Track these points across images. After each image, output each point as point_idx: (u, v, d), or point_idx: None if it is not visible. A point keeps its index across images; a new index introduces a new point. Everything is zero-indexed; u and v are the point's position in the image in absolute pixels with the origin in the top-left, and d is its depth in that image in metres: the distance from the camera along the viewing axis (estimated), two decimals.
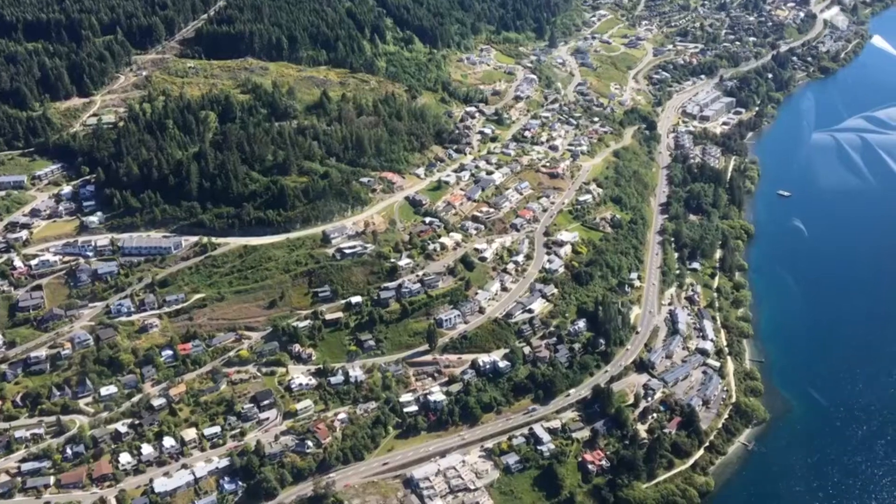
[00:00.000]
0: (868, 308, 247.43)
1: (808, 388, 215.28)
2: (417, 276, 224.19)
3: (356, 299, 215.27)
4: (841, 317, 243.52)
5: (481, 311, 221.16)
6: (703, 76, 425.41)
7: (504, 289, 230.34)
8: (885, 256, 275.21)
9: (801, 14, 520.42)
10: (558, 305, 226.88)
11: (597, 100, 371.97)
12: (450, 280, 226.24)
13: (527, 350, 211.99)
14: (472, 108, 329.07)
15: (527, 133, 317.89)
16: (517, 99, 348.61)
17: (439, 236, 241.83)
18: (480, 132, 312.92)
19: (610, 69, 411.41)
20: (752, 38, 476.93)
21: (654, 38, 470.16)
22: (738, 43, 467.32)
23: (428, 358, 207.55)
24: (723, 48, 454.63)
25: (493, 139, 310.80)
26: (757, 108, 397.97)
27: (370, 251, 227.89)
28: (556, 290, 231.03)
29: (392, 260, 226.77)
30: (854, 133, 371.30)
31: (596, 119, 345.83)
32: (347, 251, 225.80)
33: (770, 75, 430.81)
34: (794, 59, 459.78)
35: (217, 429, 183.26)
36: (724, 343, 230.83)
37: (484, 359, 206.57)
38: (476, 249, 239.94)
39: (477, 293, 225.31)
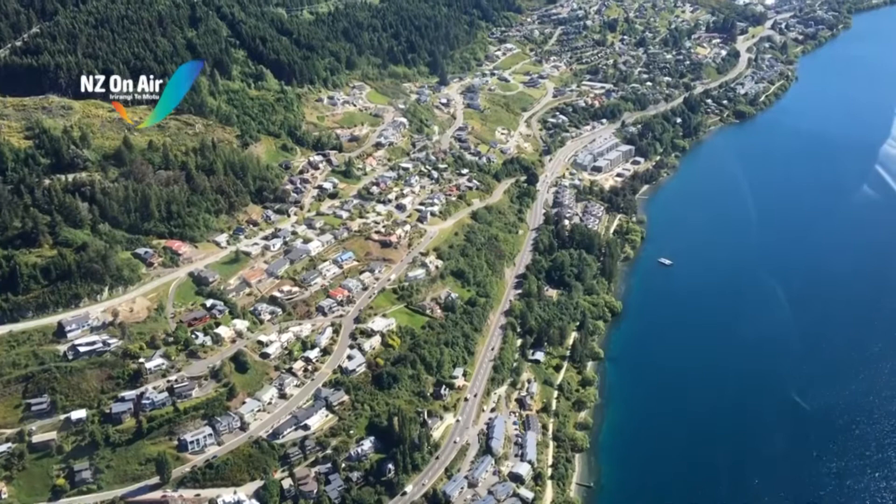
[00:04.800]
0: (734, 412, 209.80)
1: None
2: (168, 381, 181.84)
3: (79, 414, 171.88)
4: (701, 425, 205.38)
5: (243, 427, 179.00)
6: (604, 120, 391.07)
7: (283, 396, 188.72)
8: (770, 339, 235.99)
9: (724, 52, 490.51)
10: (345, 419, 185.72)
11: (474, 147, 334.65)
12: (210, 386, 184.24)
13: (288, 483, 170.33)
14: (319, 157, 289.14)
15: (374, 189, 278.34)
16: (378, 146, 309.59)
17: (218, 325, 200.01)
18: (319, 187, 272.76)
19: (500, 111, 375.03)
20: (666, 78, 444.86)
21: (561, 75, 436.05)
22: (649, 83, 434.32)
23: (156, 495, 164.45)
24: (631, 89, 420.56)
25: (333, 195, 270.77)
26: (658, 158, 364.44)
27: (114, 348, 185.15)
28: (346, 398, 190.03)
29: (141, 360, 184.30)
30: None
31: (465, 171, 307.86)
32: (84, 349, 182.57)
33: (679, 120, 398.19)
34: (709, 101, 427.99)
35: None
36: (549, 462, 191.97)
37: (226, 497, 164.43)
38: (259, 342, 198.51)
39: (244, 402, 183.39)
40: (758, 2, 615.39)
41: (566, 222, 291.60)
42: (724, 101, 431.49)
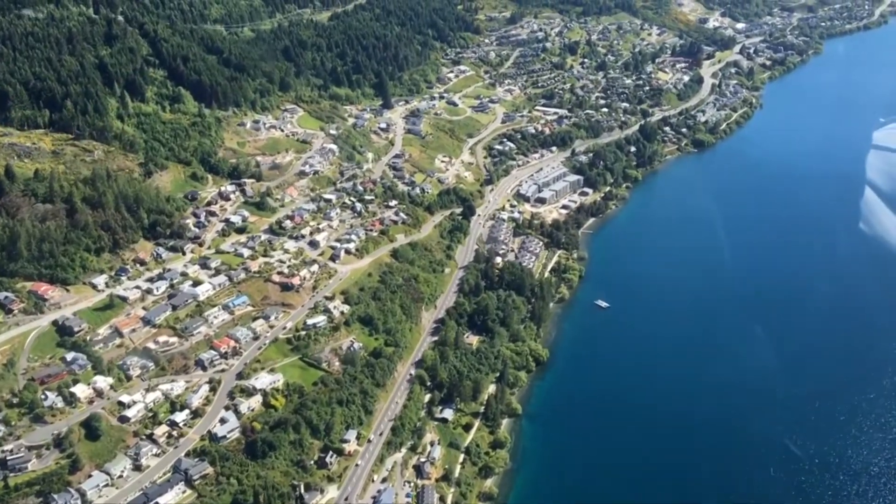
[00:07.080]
0: (666, 482, 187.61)
1: None
2: (1, 451, 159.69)
3: None
4: (624, 497, 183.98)
5: None
6: (554, 148, 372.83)
7: (137, 467, 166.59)
8: (710, 395, 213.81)
9: (686, 78, 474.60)
10: (205, 495, 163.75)
11: (410, 176, 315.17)
12: (52, 457, 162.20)
13: None
14: (232, 187, 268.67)
15: (288, 223, 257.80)
16: (301, 175, 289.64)
17: (76, 382, 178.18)
18: (226, 220, 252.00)
19: (443, 137, 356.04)
20: (624, 104, 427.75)
21: (515, 99, 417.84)
22: (605, 110, 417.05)
23: None
24: (585, 115, 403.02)
25: (242, 230, 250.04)
26: (607, 189, 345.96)
27: None
28: (210, 470, 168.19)
29: None
30: None
31: (394, 203, 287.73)
32: None
33: (633, 149, 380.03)
34: (667, 129, 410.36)
35: None
36: None
37: None
38: (120, 403, 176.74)
39: (90, 476, 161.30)
40: (727, 26, 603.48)
41: (498, 259, 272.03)
42: (683, 129, 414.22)
